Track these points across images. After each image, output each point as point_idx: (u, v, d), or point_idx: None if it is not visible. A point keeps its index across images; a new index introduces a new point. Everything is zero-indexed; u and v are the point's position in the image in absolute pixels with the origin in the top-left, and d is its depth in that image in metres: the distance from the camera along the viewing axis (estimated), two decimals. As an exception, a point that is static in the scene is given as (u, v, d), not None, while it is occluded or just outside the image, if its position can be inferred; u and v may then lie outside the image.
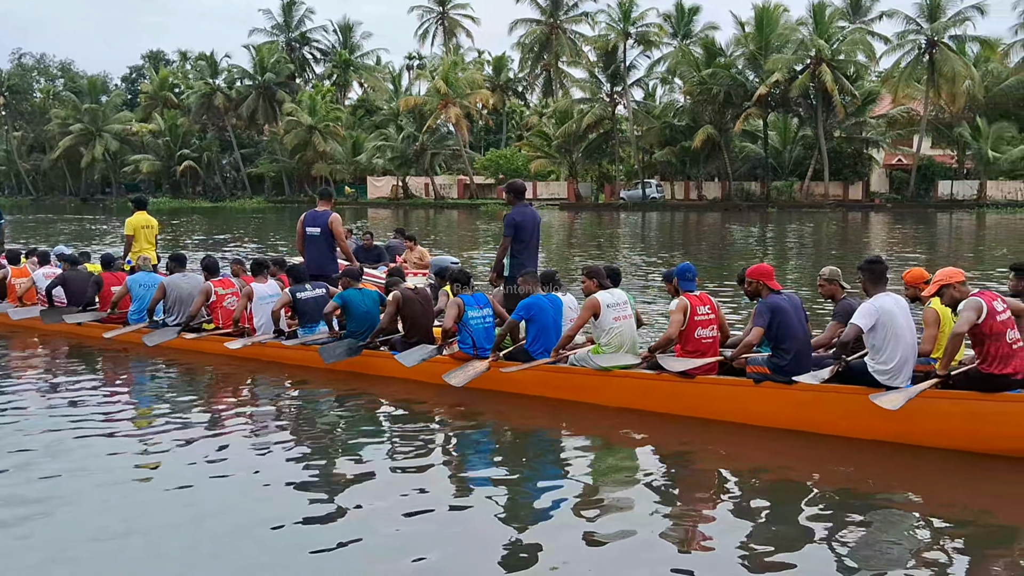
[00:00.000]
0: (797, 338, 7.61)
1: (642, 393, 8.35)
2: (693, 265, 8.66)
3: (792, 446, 7.36)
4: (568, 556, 5.42)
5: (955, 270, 7.21)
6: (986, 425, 6.84)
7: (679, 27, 71.24)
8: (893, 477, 6.75)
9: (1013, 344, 6.80)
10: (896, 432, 7.10)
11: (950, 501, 6.32)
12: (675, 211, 64.27)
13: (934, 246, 32.74)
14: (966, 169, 65.67)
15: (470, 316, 9.30)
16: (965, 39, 62.56)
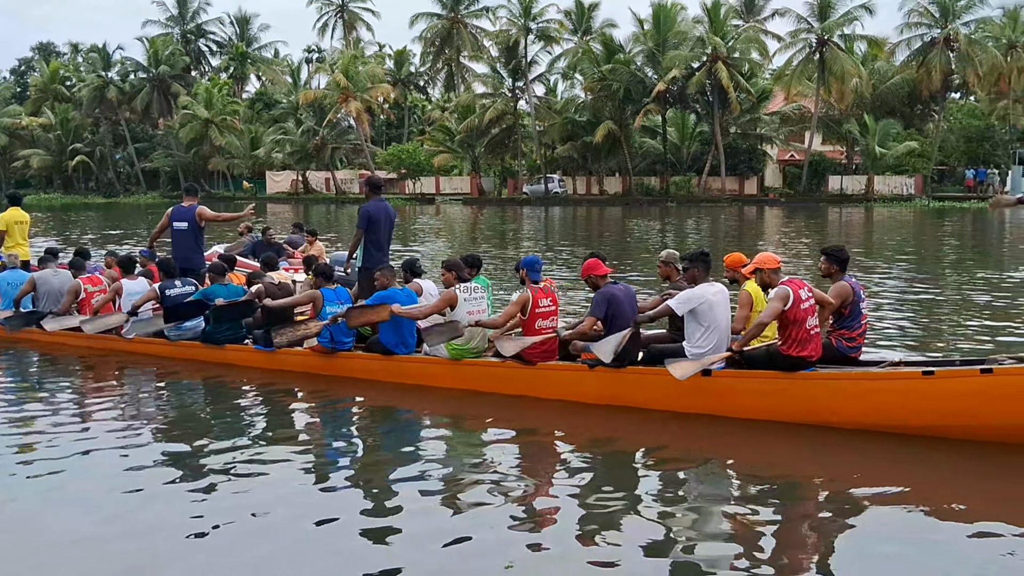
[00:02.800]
0: (628, 325, 8.02)
1: (490, 379, 8.80)
2: (540, 257, 9.17)
3: (624, 421, 7.90)
4: (414, 529, 5.66)
5: (771, 256, 7.75)
6: (788, 400, 7.50)
7: (579, 23, 71.84)
8: (710, 445, 7.33)
9: (811, 330, 7.41)
10: (713, 407, 7.76)
11: (754, 463, 6.93)
12: (577, 206, 64.88)
13: (825, 239, 33.80)
14: (855, 165, 67.94)
15: (328, 310, 9.54)
16: (854, 38, 64.73)
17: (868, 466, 6.78)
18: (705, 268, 7.94)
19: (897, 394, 7.13)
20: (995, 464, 6.66)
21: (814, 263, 22.79)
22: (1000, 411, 6.72)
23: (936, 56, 61.26)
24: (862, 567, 5.13)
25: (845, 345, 7.73)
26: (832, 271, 7.88)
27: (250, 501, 6.14)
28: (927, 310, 14.27)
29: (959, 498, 6.13)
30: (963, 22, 62.28)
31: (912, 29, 63.48)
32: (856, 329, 7.75)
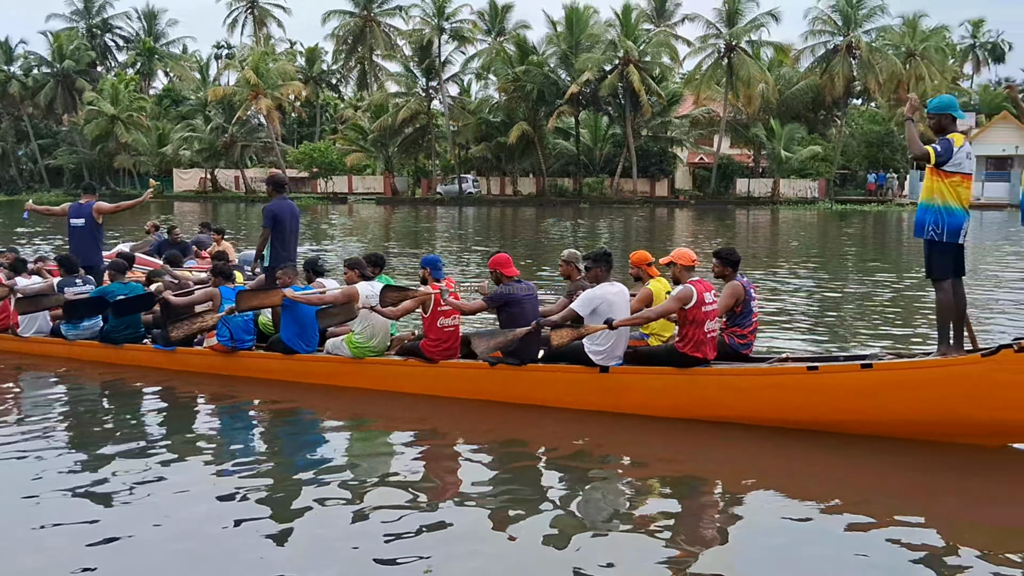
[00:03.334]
0: (528, 322, 8.13)
1: (392, 377, 8.84)
2: (439, 257, 9.29)
3: (524, 419, 8.01)
4: (317, 532, 5.65)
5: (687, 253, 7.88)
6: (682, 395, 7.69)
7: (493, 24, 71.97)
8: (608, 441, 7.49)
9: (709, 333, 7.59)
10: (611, 403, 7.89)
11: (649, 458, 7.13)
12: (491, 206, 65.05)
13: (733, 240, 34.53)
14: (761, 168, 69.50)
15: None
16: (760, 44, 66.40)
17: (757, 460, 7.00)
18: (607, 267, 8.06)
19: (784, 389, 7.36)
20: (874, 457, 6.91)
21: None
22: (879, 405, 6.99)
23: (839, 63, 63.07)
24: (751, 558, 5.28)
25: (737, 342, 7.95)
26: (725, 272, 8.10)
27: (148, 507, 6.00)
28: (829, 308, 14.71)
29: (840, 490, 6.35)
30: (864, 30, 64.21)
31: (816, 36, 65.33)
32: (747, 327, 7.98)
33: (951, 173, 6.95)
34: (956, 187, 6.99)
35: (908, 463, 6.78)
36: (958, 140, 6.97)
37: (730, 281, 8.03)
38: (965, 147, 6.99)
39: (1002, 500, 6.22)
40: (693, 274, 7.76)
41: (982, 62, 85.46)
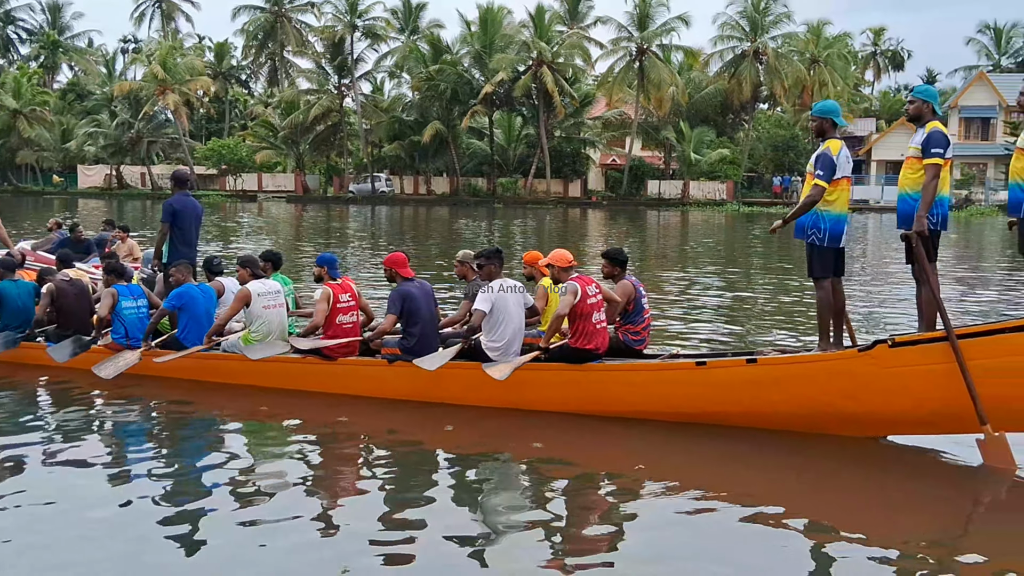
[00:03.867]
0: (425, 322, 8.25)
1: (291, 375, 8.78)
2: (336, 256, 9.30)
3: (423, 417, 8.04)
4: (217, 525, 5.63)
5: (563, 254, 8.07)
6: (578, 391, 7.83)
7: (406, 22, 71.84)
8: (508, 438, 7.57)
9: (597, 324, 7.76)
10: (509, 400, 7.97)
11: (545, 454, 7.19)
12: (404, 205, 64.81)
13: (644, 240, 35.10)
14: (672, 170, 70.69)
15: (124, 306, 9.37)
16: (671, 48, 67.48)
17: (649, 453, 7.15)
18: (499, 264, 8.21)
19: (674, 383, 7.55)
20: (759, 450, 7.13)
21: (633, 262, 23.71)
22: (762, 398, 7.22)
23: (746, 68, 64.53)
24: (645, 548, 5.39)
25: (631, 339, 8.13)
26: (614, 272, 8.29)
27: (37, 510, 5.85)
28: (736, 306, 15.07)
29: (725, 482, 6.51)
30: (771, 36, 65.87)
31: (724, 42, 66.82)
32: (640, 324, 8.16)
33: (837, 180, 7.25)
34: (839, 192, 7.29)
35: (790, 455, 7.01)
36: (835, 147, 7.25)
37: (620, 281, 8.21)
38: (843, 151, 7.29)
39: (873, 490, 6.46)
40: (571, 273, 7.95)
41: (883, 69, 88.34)
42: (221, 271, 10.03)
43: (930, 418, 6.88)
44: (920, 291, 7.17)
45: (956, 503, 6.33)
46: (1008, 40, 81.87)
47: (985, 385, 6.46)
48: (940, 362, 6.61)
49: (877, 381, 6.81)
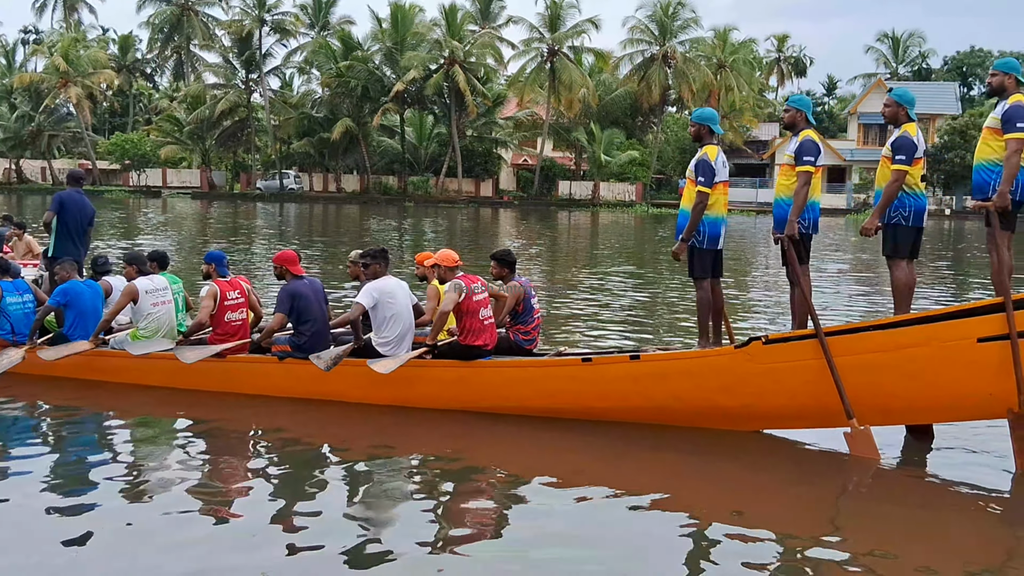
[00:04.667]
0: (316, 319, 8.30)
1: (178, 373, 8.65)
2: (224, 253, 9.24)
3: (313, 415, 8.08)
4: (101, 523, 5.57)
5: (449, 254, 8.25)
6: (467, 388, 7.98)
7: (316, 18, 71.14)
8: (397, 435, 7.62)
9: (484, 320, 7.93)
10: (400, 397, 8.06)
11: (436, 451, 7.24)
12: (314, 203, 64.19)
13: (555, 239, 35.48)
14: (583, 171, 71.49)
15: (9, 302, 9.20)
16: (582, 50, 68.22)
17: (536, 449, 7.31)
18: (385, 263, 8.30)
19: (561, 380, 7.73)
20: (642, 444, 7.36)
21: (545, 262, 24.04)
22: (645, 393, 7.45)
23: (655, 71, 65.65)
24: (533, 541, 5.48)
25: (522, 339, 8.28)
26: (503, 273, 8.43)
27: None
28: (643, 305, 15.34)
29: (613, 475, 6.70)
30: (679, 41, 67.15)
31: (634, 45, 67.83)
32: (530, 324, 8.33)
33: (715, 184, 7.54)
34: (717, 196, 7.58)
35: (671, 450, 7.23)
36: (712, 152, 7.54)
37: (509, 282, 8.36)
38: (720, 156, 7.59)
39: (750, 481, 6.73)
40: (457, 272, 8.11)
41: (786, 75, 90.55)
42: (108, 270, 9.88)
43: (802, 412, 7.18)
44: (793, 292, 7.49)
45: (825, 492, 6.62)
46: (905, 49, 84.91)
47: (851, 380, 6.79)
48: (810, 359, 6.91)
49: (753, 377, 7.08)
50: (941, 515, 6.14)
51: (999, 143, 6.76)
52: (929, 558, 5.30)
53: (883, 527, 5.81)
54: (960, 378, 6.61)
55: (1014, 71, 6.92)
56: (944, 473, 6.83)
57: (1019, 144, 6.63)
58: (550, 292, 16.87)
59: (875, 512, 6.13)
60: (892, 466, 7.01)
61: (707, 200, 7.51)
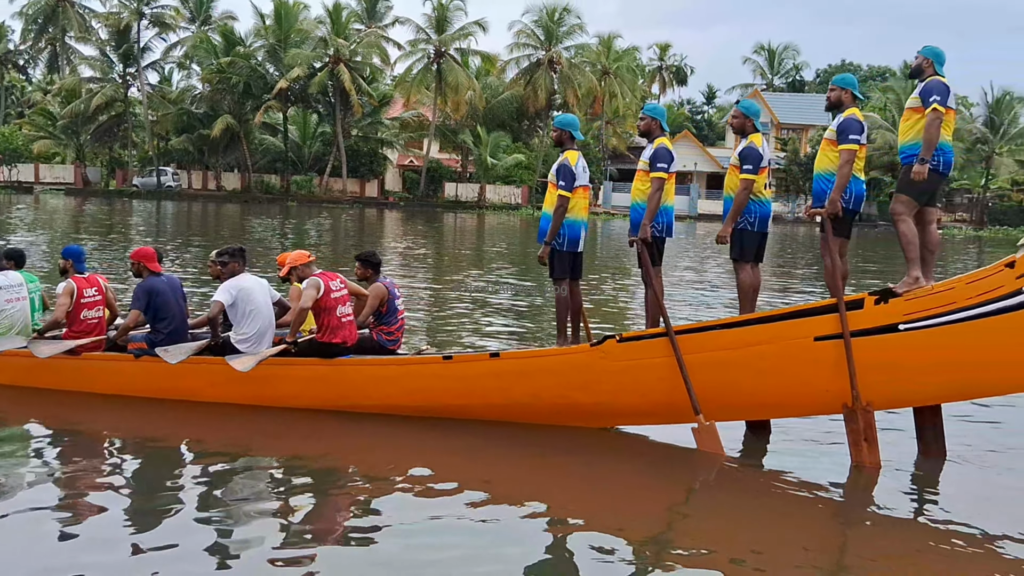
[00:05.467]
0: (174, 316, 8.24)
1: (32, 371, 8.46)
2: (83, 248, 9.11)
3: (170, 413, 8.02)
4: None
5: (301, 253, 8.35)
6: (328, 386, 8.01)
7: (197, 12, 69.41)
8: (256, 434, 7.63)
9: (343, 318, 7.99)
10: (259, 396, 8.06)
11: (295, 450, 7.26)
12: (192, 201, 62.66)
13: (442, 241, 35.56)
14: (469, 173, 71.68)
15: None
16: (469, 53, 68.45)
17: (397, 447, 7.40)
18: (242, 262, 8.33)
19: (421, 377, 7.85)
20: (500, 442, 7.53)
21: (431, 264, 24.06)
22: (505, 391, 7.62)
23: (541, 76, 66.34)
24: (387, 536, 5.57)
25: (385, 339, 8.36)
26: (367, 274, 8.50)
27: None
28: (527, 307, 15.53)
29: (470, 472, 6.85)
30: (565, 46, 67.99)
31: (520, 49, 68.44)
32: (394, 324, 8.40)
33: (576, 188, 7.77)
34: (577, 200, 7.81)
35: (529, 446, 7.42)
36: (572, 157, 7.78)
37: (373, 283, 8.43)
38: (580, 161, 7.83)
39: (602, 477, 6.95)
40: (313, 268, 8.16)
41: (668, 83, 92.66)
42: None
43: (653, 408, 7.45)
44: (647, 293, 7.78)
45: (673, 485, 6.91)
46: (780, 61, 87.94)
47: (699, 377, 7.10)
48: (661, 356, 7.20)
49: (607, 374, 7.33)
50: (783, 505, 6.48)
51: (835, 154, 7.18)
52: (770, 545, 5.61)
53: (728, 517, 6.13)
54: (799, 375, 6.99)
55: (851, 86, 7.36)
56: (785, 466, 7.20)
57: (850, 155, 7.06)
58: (436, 294, 16.99)
59: (720, 503, 6.45)
60: (736, 460, 7.34)
61: (568, 204, 7.73)
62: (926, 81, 7.02)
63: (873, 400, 6.81)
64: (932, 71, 7.08)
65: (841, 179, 7.06)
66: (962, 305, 6.62)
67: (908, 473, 7.05)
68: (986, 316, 6.56)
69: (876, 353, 6.77)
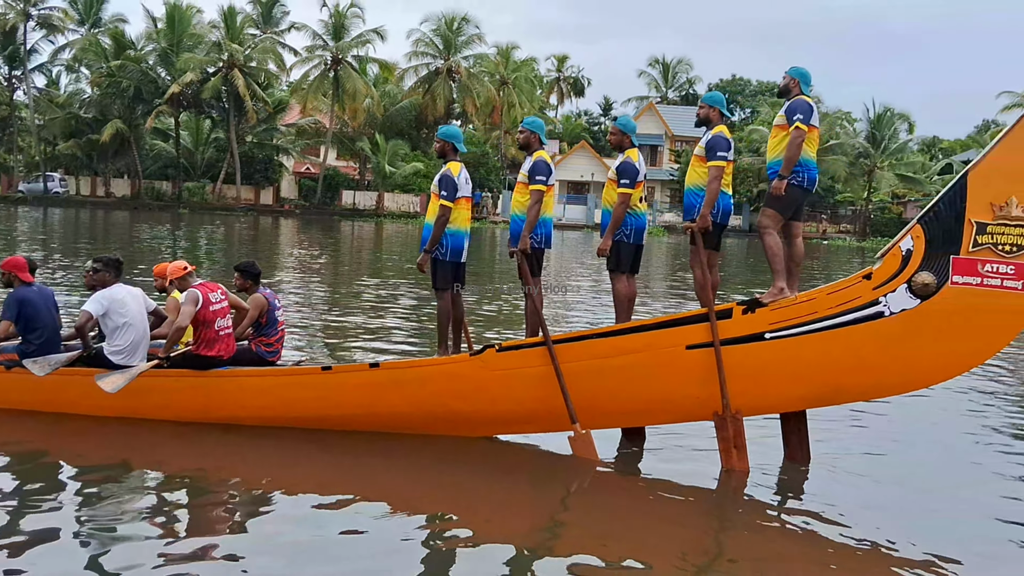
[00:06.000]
0: (45, 327, 8.05)
1: None
2: None
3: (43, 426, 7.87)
4: None
5: (178, 264, 8.16)
6: (205, 398, 7.93)
7: (87, 14, 67.49)
8: (130, 448, 7.50)
9: (220, 331, 7.91)
10: (135, 408, 7.93)
11: (169, 463, 7.17)
12: (80, 207, 60.75)
13: (337, 249, 35.22)
14: (367, 181, 71.23)
15: None
16: (367, 60, 68.08)
17: (276, 459, 7.34)
18: (115, 272, 8.12)
19: (301, 389, 7.80)
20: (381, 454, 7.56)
21: (330, 271, 23.80)
22: (384, 401, 7.63)
23: (440, 85, 66.45)
24: (274, 558, 5.49)
25: (264, 351, 8.26)
26: (247, 285, 8.41)
27: None
28: (423, 316, 15.47)
29: (352, 483, 6.87)
30: (463, 56, 68.19)
31: (419, 58, 68.39)
32: (274, 336, 8.32)
33: (458, 199, 7.85)
34: (459, 210, 7.89)
35: (410, 456, 7.45)
36: (455, 168, 7.86)
37: (253, 294, 8.35)
38: (462, 173, 7.92)
39: (484, 486, 7.04)
40: (192, 279, 8.02)
41: (565, 94, 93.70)
42: None
43: (532, 416, 7.57)
44: (526, 302, 7.91)
45: (549, 492, 7.01)
46: (674, 75, 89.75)
47: (576, 386, 7.25)
48: (539, 365, 7.33)
49: (486, 383, 7.43)
50: (659, 509, 6.66)
51: (704, 169, 7.44)
52: (647, 549, 5.76)
53: (604, 523, 6.27)
54: (672, 382, 7.20)
55: (719, 104, 7.64)
56: (659, 471, 7.39)
57: (718, 171, 7.34)
58: (332, 303, 16.89)
59: (597, 509, 6.60)
60: (612, 466, 7.51)
61: (449, 214, 7.81)
62: (792, 100, 7.32)
63: (742, 407, 7.07)
64: (798, 91, 7.38)
65: (710, 194, 7.31)
66: (823, 315, 6.92)
67: (774, 477, 7.31)
68: (845, 325, 6.87)
69: (744, 361, 7.02)
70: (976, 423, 9.38)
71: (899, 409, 9.36)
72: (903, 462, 7.98)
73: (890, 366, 6.95)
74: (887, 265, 6.81)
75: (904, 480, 7.45)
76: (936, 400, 9.92)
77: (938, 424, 9.35)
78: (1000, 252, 6.59)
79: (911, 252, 6.75)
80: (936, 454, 8.33)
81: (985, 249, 6.62)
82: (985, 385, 11.20)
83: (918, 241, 6.75)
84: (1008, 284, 6.64)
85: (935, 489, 7.30)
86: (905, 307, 6.76)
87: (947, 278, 6.69)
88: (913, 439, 8.72)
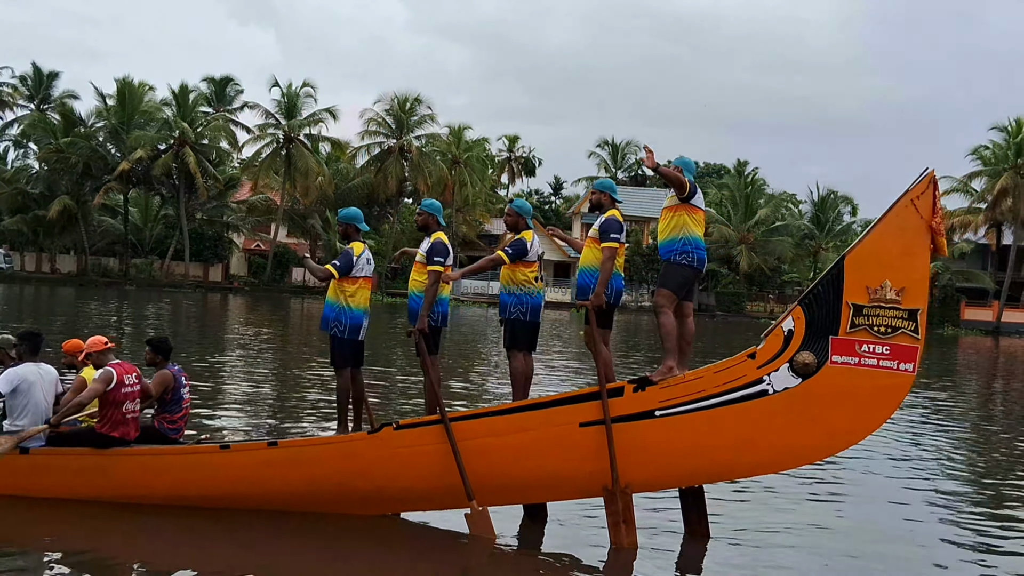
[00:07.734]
0: None
1: None
2: None
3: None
4: None
5: (98, 339, 8.13)
6: (102, 476, 7.82)
7: (36, 90, 67.55)
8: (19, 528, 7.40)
9: (127, 414, 7.82)
10: (29, 487, 7.80)
11: (70, 546, 7.08)
12: (25, 284, 59.89)
13: (286, 326, 35.08)
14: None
15: None
16: (319, 139, 68.57)
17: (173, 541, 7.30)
18: (32, 349, 8.06)
19: (198, 468, 7.78)
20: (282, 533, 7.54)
21: (278, 347, 23.68)
22: (283, 479, 7.63)
23: (392, 163, 66.97)
24: None
25: (167, 428, 8.23)
26: (156, 360, 8.43)
27: None
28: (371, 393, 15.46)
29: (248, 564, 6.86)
30: (416, 135, 68.91)
31: (371, 136, 68.92)
32: (177, 413, 8.29)
33: (355, 278, 8.01)
34: (359, 290, 8.03)
35: (310, 535, 7.44)
36: (358, 248, 8.04)
37: (160, 369, 8.35)
38: (364, 253, 8.09)
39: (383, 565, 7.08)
40: (109, 356, 8.00)
41: (517, 174, 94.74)
42: None
43: (430, 494, 7.61)
44: (425, 380, 8.00)
45: (446, 571, 7.07)
46: (623, 156, 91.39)
47: (472, 463, 7.31)
48: (436, 443, 7.40)
49: (384, 461, 7.47)
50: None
51: (599, 251, 7.66)
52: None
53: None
54: (565, 459, 7.29)
55: (609, 190, 7.98)
56: (552, 547, 7.48)
57: (612, 252, 7.56)
58: (280, 379, 16.89)
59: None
60: (506, 543, 7.55)
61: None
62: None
63: (632, 482, 7.17)
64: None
65: (604, 274, 7.52)
66: (710, 393, 7.08)
67: (667, 552, 7.40)
68: (731, 403, 7.04)
69: (634, 438, 7.15)
70: (895, 487, 9.62)
71: (819, 471, 9.54)
72: (809, 530, 8.18)
73: (776, 443, 7.11)
74: (770, 345, 7.02)
75: (812, 548, 7.64)
76: (861, 461, 10.21)
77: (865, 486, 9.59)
78: (876, 333, 6.83)
79: (792, 332, 6.98)
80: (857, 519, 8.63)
81: (862, 330, 6.86)
82: (904, 448, 11.44)
83: (799, 322, 6.98)
84: (884, 364, 6.87)
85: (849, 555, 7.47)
86: (788, 385, 6.96)
87: (827, 357, 6.91)
88: (830, 508, 8.95)
